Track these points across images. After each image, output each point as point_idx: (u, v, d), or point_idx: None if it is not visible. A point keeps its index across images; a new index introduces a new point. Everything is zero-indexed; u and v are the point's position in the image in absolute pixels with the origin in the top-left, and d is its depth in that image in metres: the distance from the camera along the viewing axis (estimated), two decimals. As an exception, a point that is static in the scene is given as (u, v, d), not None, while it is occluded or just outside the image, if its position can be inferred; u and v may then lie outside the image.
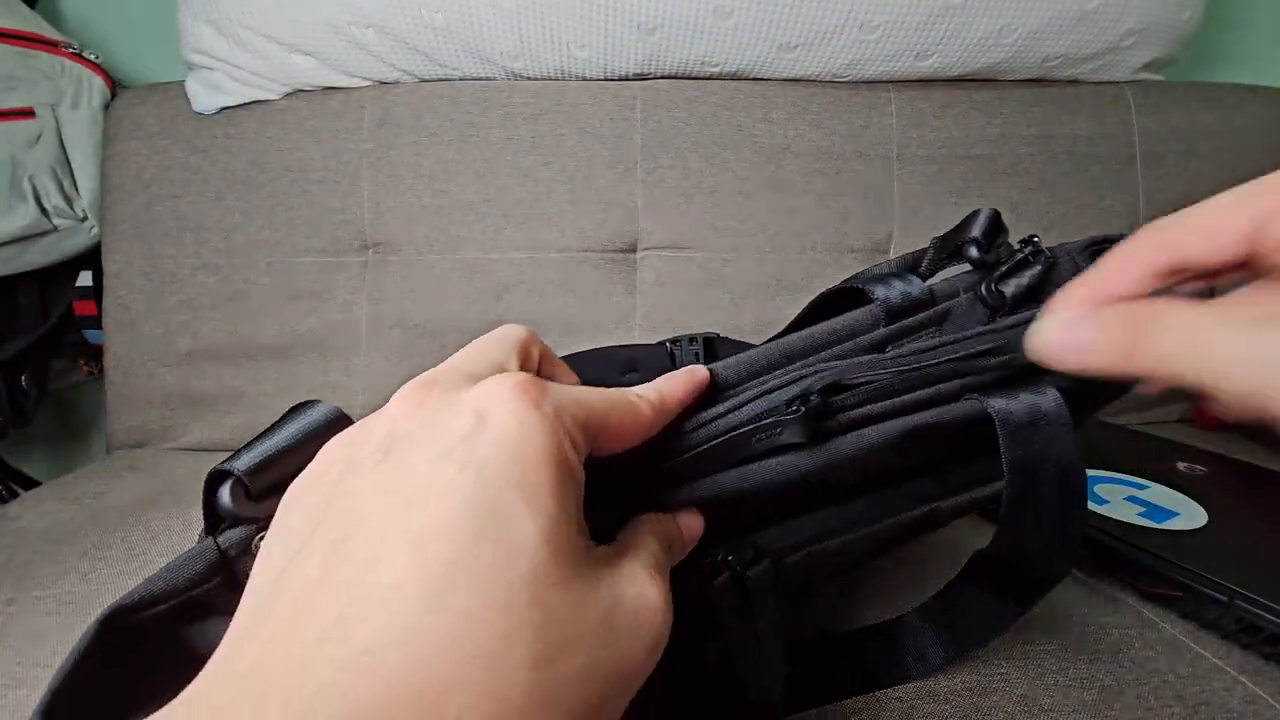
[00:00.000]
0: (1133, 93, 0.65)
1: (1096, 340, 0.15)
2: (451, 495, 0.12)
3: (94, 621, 0.14)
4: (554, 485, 0.13)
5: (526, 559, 0.12)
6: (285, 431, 0.16)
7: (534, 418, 0.13)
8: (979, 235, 0.24)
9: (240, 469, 0.15)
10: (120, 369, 0.61)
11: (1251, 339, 0.13)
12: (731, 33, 0.57)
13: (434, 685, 0.10)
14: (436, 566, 0.11)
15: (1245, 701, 0.32)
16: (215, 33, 0.58)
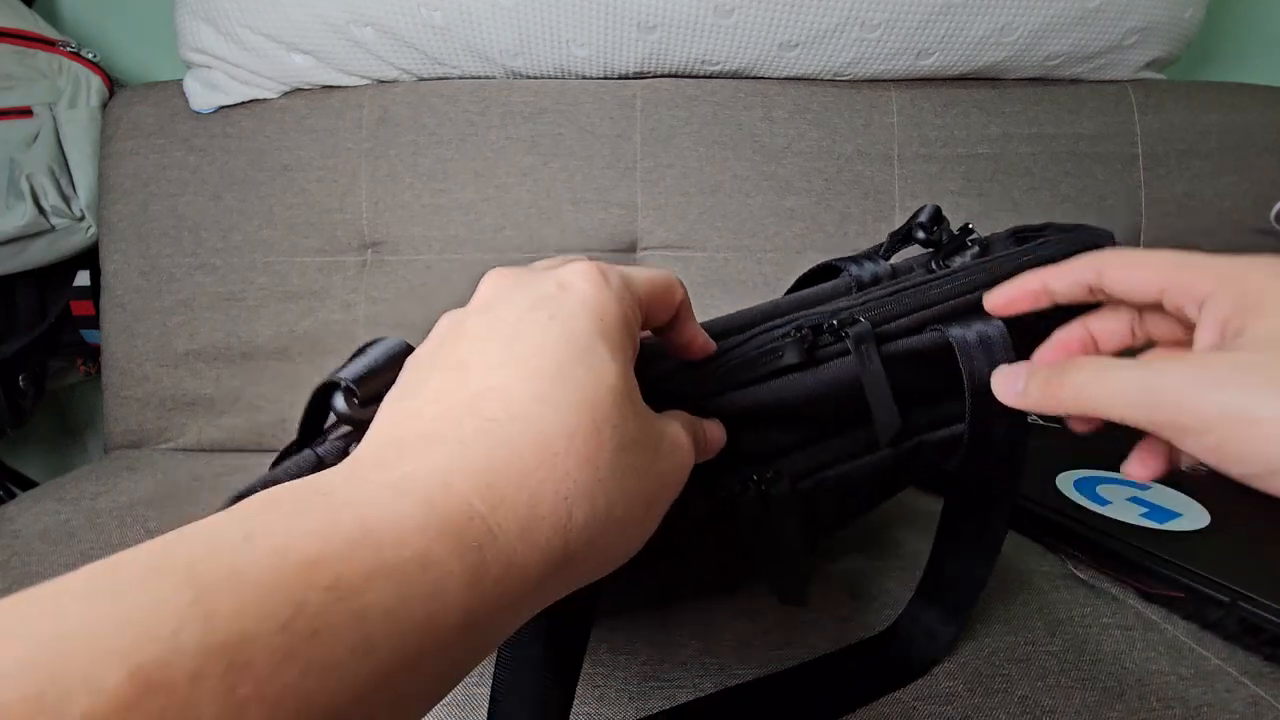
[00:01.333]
0: (1135, 92, 0.65)
1: (1030, 385, 0.21)
2: (548, 333, 0.16)
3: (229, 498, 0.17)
4: (624, 340, 0.17)
5: (610, 382, 0.16)
6: (372, 354, 0.19)
7: (605, 288, 0.17)
8: (923, 221, 0.30)
9: (348, 378, 0.19)
10: (117, 369, 0.61)
11: (1142, 373, 0.17)
12: (732, 31, 0.57)
13: (550, 452, 0.14)
14: (541, 376, 0.15)
15: (1248, 703, 0.32)
16: (213, 31, 0.58)
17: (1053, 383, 0.20)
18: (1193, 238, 0.65)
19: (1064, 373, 0.19)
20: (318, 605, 0.10)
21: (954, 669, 0.33)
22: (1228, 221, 0.65)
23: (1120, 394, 0.18)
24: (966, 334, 0.24)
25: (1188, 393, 0.16)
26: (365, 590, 0.11)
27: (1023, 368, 0.22)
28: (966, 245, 0.29)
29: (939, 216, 0.30)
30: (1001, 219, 0.63)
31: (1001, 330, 0.24)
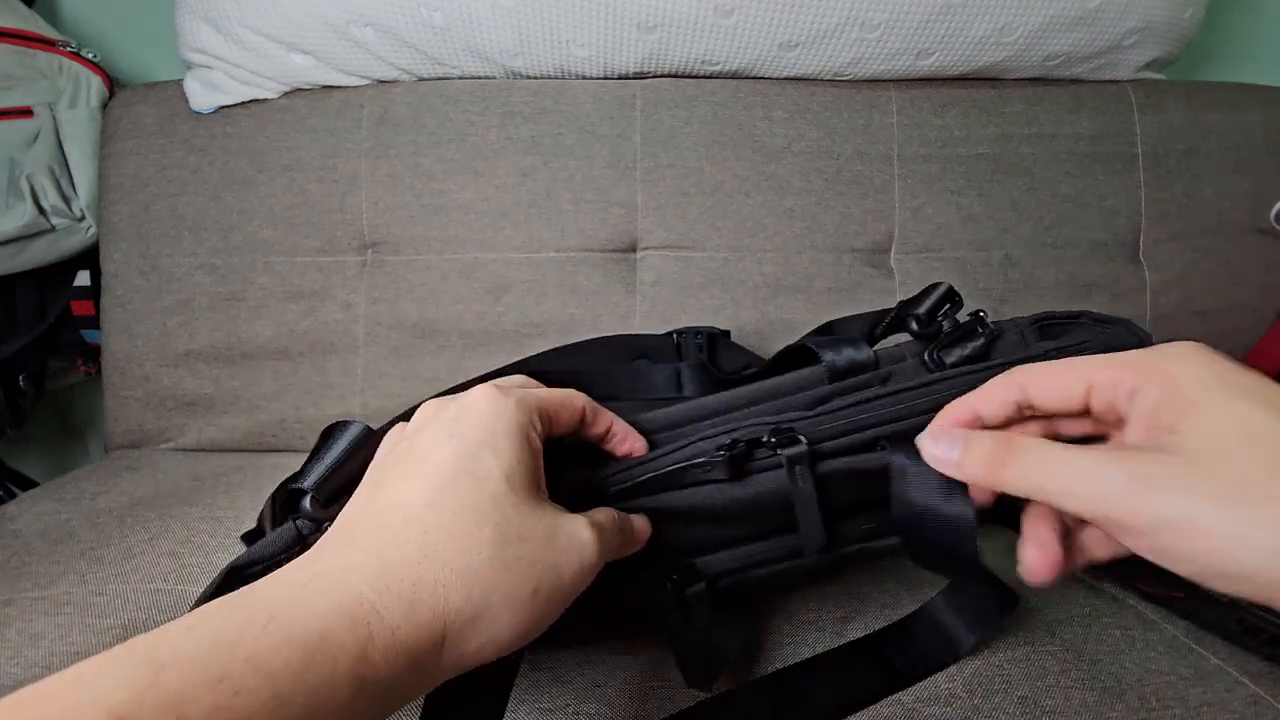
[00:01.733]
0: (1135, 92, 0.65)
1: (967, 458, 0.20)
2: (444, 451, 0.20)
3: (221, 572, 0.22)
4: (512, 445, 0.20)
5: (490, 485, 0.19)
6: (334, 451, 0.22)
7: (501, 399, 0.21)
8: (922, 311, 0.28)
9: (309, 486, 0.22)
10: (118, 369, 0.61)
11: (1091, 465, 0.17)
12: (732, 31, 0.57)
13: (432, 549, 0.18)
14: (432, 487, 0.19)
15: (1247, 703, 0.32)
16: (213, 31, 0.58)
17: (995, 459, 0.19)
18: (1192, 238, 0.65)
19: (1009, 452, 0.19)
20: (239, 672, 0.14)
21: (953, 670, 0.33)
22: (1227, 221, 0.65)
23: (1067, 484, 0.17)
24: (908, 458, 0.22)
25: (1135, 493, 0.16)
26: (273, 659, 0.14)
27: (960, 435, 0.20)
28: (974, 333, 0.27)
29: (949, 299, 0.28)
30: (1001, 219, 0.63)
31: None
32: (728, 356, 0.46)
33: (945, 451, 0.20)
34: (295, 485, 0.22)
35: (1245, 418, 0.16)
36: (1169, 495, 0.16)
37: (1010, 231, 0.63)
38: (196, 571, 0.40)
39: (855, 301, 0.61)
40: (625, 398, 0.41)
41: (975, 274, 0.62)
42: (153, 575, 0.40)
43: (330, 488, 0.22)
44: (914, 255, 0.62)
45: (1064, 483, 0.18)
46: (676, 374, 0.43)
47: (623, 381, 0.42)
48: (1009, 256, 0.63)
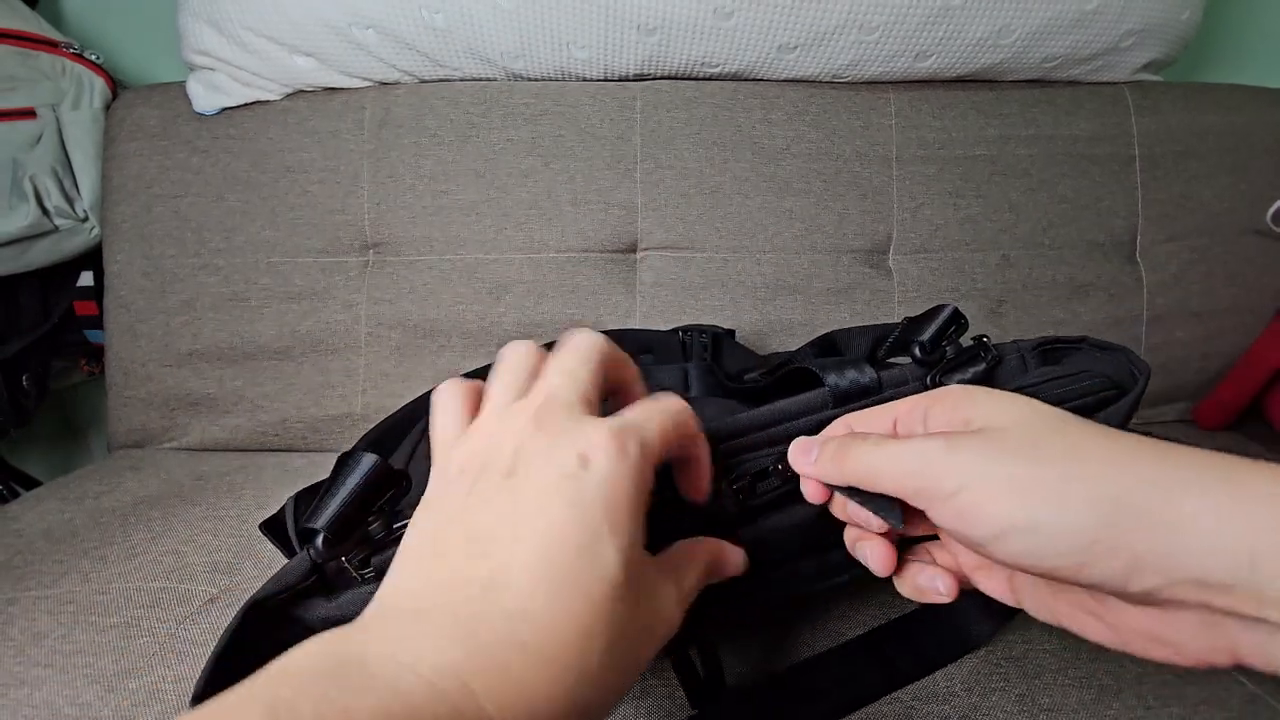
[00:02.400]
0: (1132, 93, 0.65)
1: (821, 457, 0.22)
2: (559, 517, 0.17)
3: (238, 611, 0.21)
4: (631, 517, 0.18)
5: (610, 574, 0.17)
6: (346, 487, 0.22)
7: (624, 465, 0.18)
8: (926, 338, 0.28)
9: (322, 526, 0.21)
10: (121, 369, 0.61)
11: (912, 445, 0.20)
12: (731, 34, 0.57)
13: (549, 647, 0.16)
14: (547, 567, 0.17)
15: (1245, 701, 0.32)
16: (216, 33, 0.58)
17: (839, 454, 0.21)
18: (1189, 239, 0.65)
19: (848, 445, 0.21)
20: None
21: (951, 668, 0.33)
22: (1224, 222, 0.65)
23: (894, 462, 0.20)
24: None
25: (942, 456, 0.18)
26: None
27: (817, 441, 0.23)
28: (977, 358, 0.27)
29: (954, 322, 0.28)
30: (999, 220, 0.63)
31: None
32: (731, 357, 0.46)
33: (804, 454, 0.23)
34: (308, 525, 0.21)
35: (1017, 405, 0.19)
36: (970, 455, 0.18)
37: (1008, 232, 0.63)
38: (199, 570, 0.41)
39: (854, 302, 0.62)
40: None
41: (973, 274, 0.63)
42: (156, 574, 0.40)
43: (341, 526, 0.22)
44: (912, 256, 0.63)
45: (889, 462, 0.20)
46: (684, 374, 0.42)
47: None
48: (1006, 257, 0.63)
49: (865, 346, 0.34)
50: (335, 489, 0.22)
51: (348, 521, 0.21)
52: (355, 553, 0.22)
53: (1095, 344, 0.27)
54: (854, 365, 0.27)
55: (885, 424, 0.22)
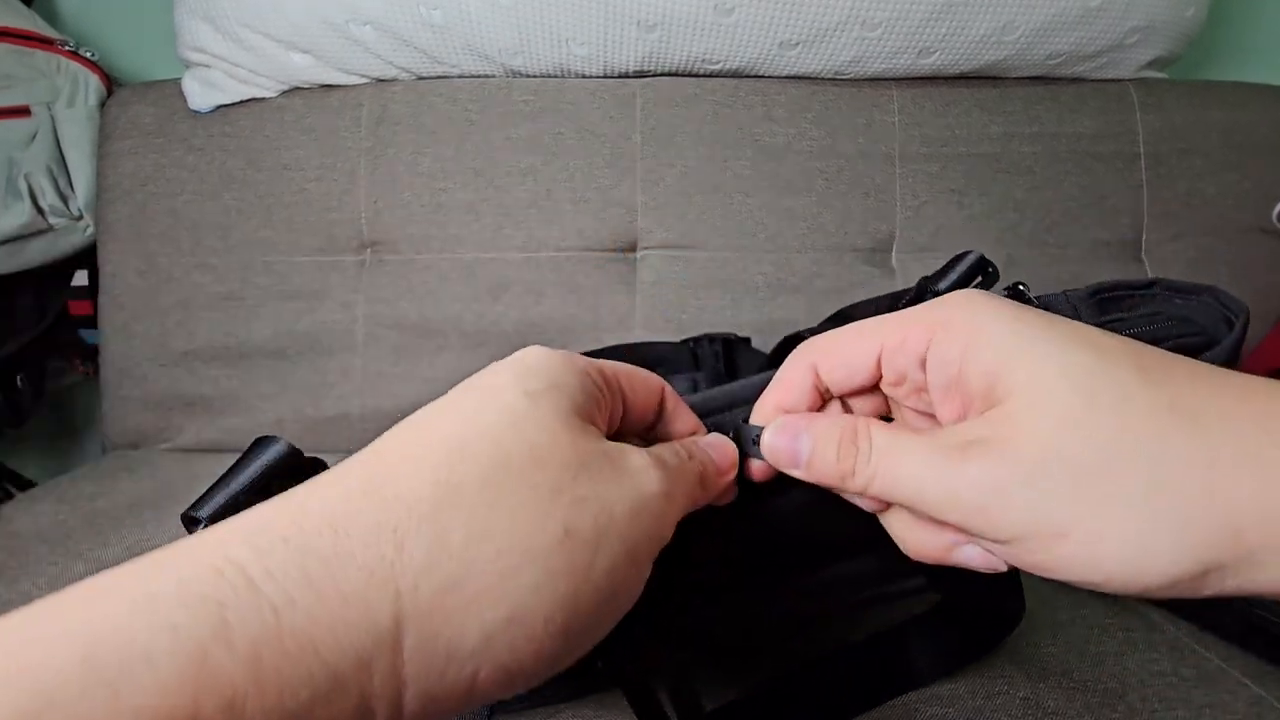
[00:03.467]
0: (1136, 91, 0.65)
1: (816, 457, 0.16)
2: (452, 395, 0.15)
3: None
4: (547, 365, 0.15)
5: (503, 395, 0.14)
6: (244, 472, 0.18)
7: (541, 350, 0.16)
8: (943, 286, 0.23)
9: (204, 516, 0.18)
10: (116, 369, 0.61)
11: (946, 472, 0.14)
12: (732, 30, 0.56)
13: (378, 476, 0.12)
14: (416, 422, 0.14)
15: (1249, 704, 0.32)
16: (212, 30, 0.58)
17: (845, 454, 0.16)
18: (1194, 236, 0.65)
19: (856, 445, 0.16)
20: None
21: (956, 671, 0.33)
22: (1230, 220, 0.65)
23: (949, 497, 0.14)
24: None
25: (990, 502, 0.13)
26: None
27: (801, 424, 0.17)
28: None
29: (980, 270, 0.23)
30: (1003, 218, 0.63)
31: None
32: (747, 364, 0.43)
33: (789, 444, 0.17)
34: (191, 512, 0.18)
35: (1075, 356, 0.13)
36: (1057, 484, 0.13)
37: (1012, 231, 0.63)
38: (195, 572, 0.40)
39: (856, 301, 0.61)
40: None
41: (976, 273, 0.62)
42: (151, 576, 0.40)
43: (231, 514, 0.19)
44: (915, 255, 0.62)
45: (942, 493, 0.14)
46: (694, 385, 0.40)
47: None
48: (1011, 256, 0.62)
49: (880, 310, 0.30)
50: (232, 474, 0.19)
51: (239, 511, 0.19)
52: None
53: (1171, 285, 0.22)
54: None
55: (867, 360, 0.16)
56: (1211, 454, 0.12)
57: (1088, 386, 0.13)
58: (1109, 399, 0.13)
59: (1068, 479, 0.13)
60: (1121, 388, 0.13)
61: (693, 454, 0.17)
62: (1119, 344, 0.14)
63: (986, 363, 0.14)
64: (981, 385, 0.14)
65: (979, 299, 0.15)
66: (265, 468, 0.18)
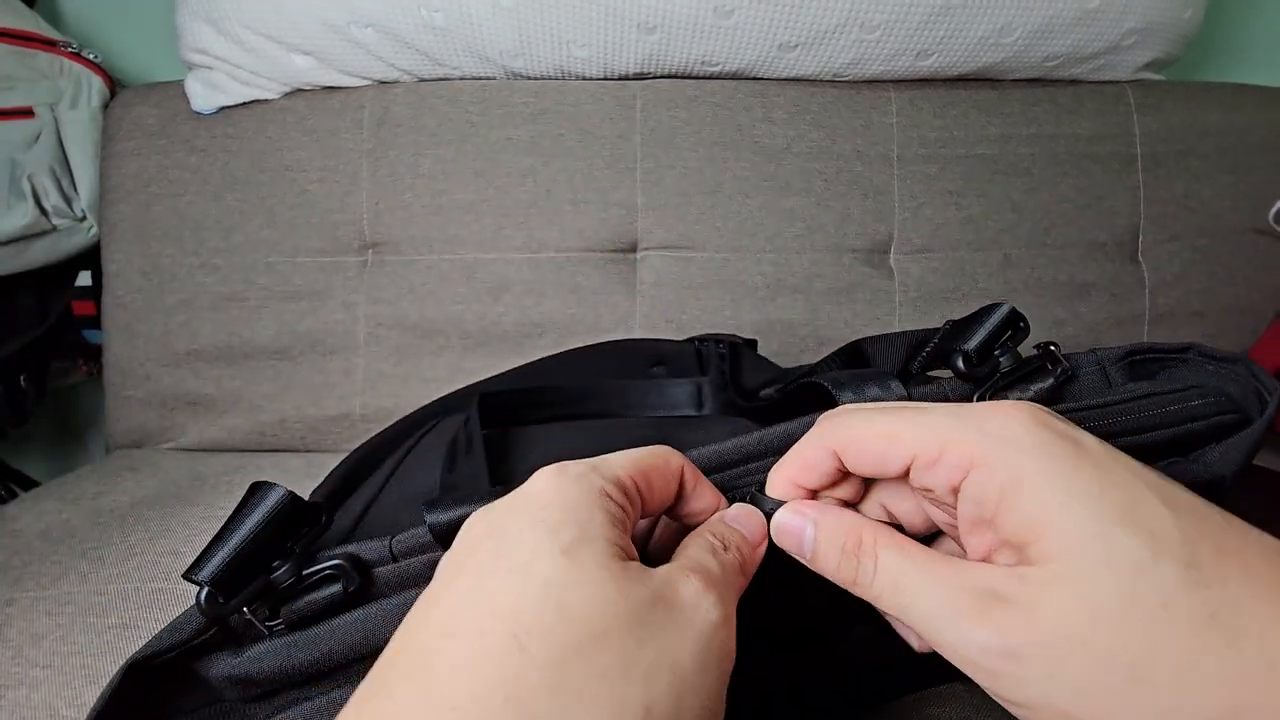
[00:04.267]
0: (1134, 92, 0.65)
1: (819, 556, 0.16)
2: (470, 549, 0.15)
3: (118, 671, 0.18)
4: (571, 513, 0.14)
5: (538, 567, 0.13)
6: (242, 529, 0.18)
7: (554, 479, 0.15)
8: (972, 347, 0.21)
9: (204, 578, 0.18)
10: (119, 369, 0.61)
11: (960, 623, 0.13)
12: (732, 32, 0.57)
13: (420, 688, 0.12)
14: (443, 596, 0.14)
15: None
16: (214, 32, 0.58)
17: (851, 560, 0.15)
18: (1191, 238, 0.65)
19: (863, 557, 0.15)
20: None
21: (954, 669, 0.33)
22: (1226, 222, 0.65)
23: (924, 620, 0.14)
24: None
25: (1001, 669, 0.13)
26: None
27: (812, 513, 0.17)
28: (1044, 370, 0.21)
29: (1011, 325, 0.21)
30: (1000, 219, 0.63)
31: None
32: (752, 370, 0.41)
33: (797, 531, 0.16)
34: (190, 576, 0.18)
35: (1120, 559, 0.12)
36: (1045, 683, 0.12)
37: (1009, 232, 0.63)
38: (197, 571, 0.40)
39: (855, 302, 0.62)
40: (635, 414, 0.37)
41: (974, 274, 0.62)
42: (154, 575, 0.40)
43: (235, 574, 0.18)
44: (913, 255, 0.63)
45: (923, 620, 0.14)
46: (698, 390, 0.38)
47: (633, 397, 0.37)
48: (1008, 257, 0.63)
49: (897, 357, 0.28)
50: (229, 532, 0.18)
51: (243, 568, 0.18)
52: (258, 603, 0.19)
53: (1205, 353, 0.21)
54: (877, 380, 0.22)
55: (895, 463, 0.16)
56: (1243, 670, 0.12)
57: (1131, 584, 0.12)
58: (1151, 603, 0.12)
59: (1089, 679, 0.12)
60: (1166, 592, 0.12)
61: (728, 542, 0.16)
62: (1174, 528, 0.13)
63: (1026, 515, 0.13)
64: (1016, 535, 0.13)
65: (1024, 431, 0.14)
66: (263, 520, 0.18)
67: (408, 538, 0.20)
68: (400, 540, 0.20)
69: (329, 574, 0.19)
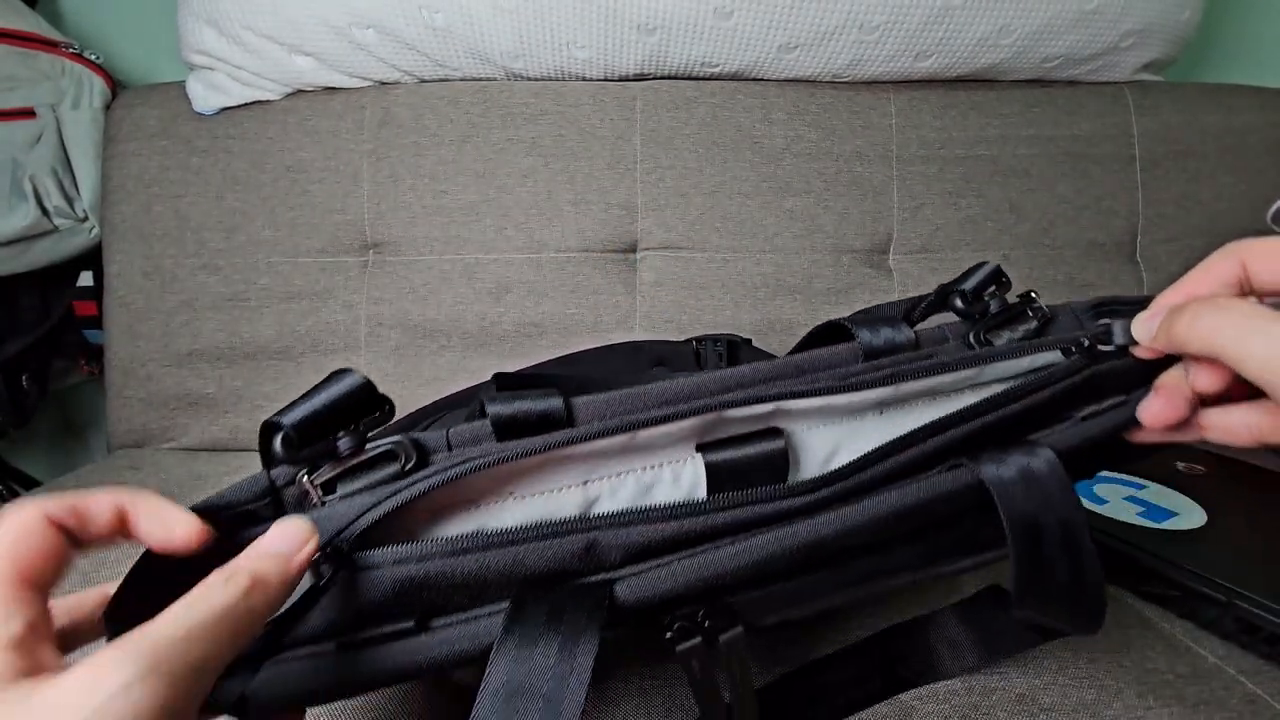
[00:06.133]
0: (1132, 93, 0.65)
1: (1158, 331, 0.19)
2: None
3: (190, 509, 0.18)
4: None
5: None
6: (324, 394, 0.19)
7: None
8: (967, 287, 0.25)
9: (288, 423, 0.19)
10: (120, 369, 0.61)
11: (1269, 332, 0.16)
12: (731, 33, 0.57)
13: None
14: None
15: (1244, 701, 0.32)
16: (216, 33, 0.58)
17: (1185, 320, 0.18)
18: (1189, 239, 0.65)
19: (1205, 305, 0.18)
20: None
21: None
22: (1224, 223, 0.65)
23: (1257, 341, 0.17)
24: (1003, 471, 0.20)
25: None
26: None
27: (1160, 313, 0.20)
28: (1024, 316, 0.25)
29: (996, 279, 0.25)
30: (999, 220, 0.63)
31: (1051, 461, 0.21)
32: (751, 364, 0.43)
33: (1145, 328, 0.20)
34: (273, 419, 0.19)
35: None
36: None
37: (1008, 232, 0.63)
38: (199, 570, 0.41)
39: (854, 302, 0.62)
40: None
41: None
42: (155, 574, 0.40)
43: (309, 433, 0.19)
44: (912, 256, 0.63)
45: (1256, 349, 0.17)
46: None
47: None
48: (1007, 257, 0.63)
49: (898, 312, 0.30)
50: (311, 394, 0.19)
51: (316, 427, 0.19)
52: (319, 470, 0.19)
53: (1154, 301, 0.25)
54: (888, 322, 0.24)
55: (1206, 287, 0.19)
56: None
57: None
58: None
59: None
60: None
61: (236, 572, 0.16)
62: None
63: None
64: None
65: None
66: (341, 393, 0.19)
67: (465, 429, 0.21)
68: (457, 431, 0.21)
69: (388, 450, 0.20)
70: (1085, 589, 0.22)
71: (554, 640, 0.18)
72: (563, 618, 0.18)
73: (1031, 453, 0.21)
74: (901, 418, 0.23)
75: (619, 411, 0.21)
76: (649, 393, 0.21)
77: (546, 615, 0.18)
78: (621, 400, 0.21)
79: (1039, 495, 0.20)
